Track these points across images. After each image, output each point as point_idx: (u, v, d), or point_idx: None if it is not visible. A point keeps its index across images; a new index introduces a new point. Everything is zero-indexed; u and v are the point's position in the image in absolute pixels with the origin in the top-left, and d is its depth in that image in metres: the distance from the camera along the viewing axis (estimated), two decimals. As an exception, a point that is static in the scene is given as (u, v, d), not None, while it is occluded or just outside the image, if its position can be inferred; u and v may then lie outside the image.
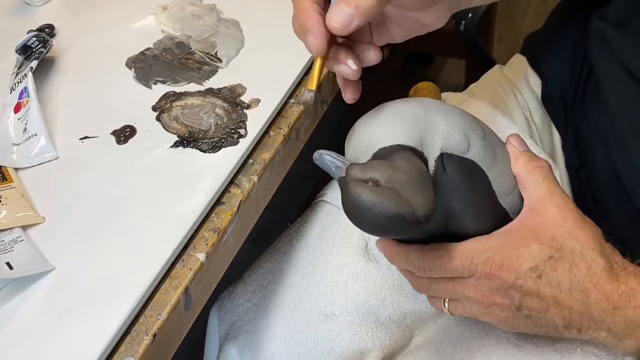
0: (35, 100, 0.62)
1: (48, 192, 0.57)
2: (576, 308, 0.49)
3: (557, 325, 0.50)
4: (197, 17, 0.74)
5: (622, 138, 0.64)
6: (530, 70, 0.82)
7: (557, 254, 0.49)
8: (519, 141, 0.55)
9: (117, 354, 0.47)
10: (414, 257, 0.52)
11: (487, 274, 0.50)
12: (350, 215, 0.47)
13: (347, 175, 0.48)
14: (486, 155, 0.53)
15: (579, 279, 0.49)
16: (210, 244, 0.54)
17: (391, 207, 0.46)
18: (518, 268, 0.49)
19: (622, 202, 0.66)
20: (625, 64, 0.63)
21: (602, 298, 0.49)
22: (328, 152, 0.49)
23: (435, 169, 0.51)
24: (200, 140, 0.61)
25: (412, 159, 0.50)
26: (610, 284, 0.49)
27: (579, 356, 0.59)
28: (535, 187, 0.52)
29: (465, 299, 0.52)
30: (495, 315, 0.52)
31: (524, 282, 0.50)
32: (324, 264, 0.66)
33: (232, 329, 0.68)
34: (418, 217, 0.47)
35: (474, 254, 0.50)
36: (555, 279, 0.49)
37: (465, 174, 0.52)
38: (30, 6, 0.77)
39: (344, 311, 0.64)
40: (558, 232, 0.50)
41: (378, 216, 0.46)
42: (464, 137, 0.52)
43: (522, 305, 0.50)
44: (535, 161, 0.53)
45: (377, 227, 0.47)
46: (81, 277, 0.51)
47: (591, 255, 0.49)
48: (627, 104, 0.63)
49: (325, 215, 0.71)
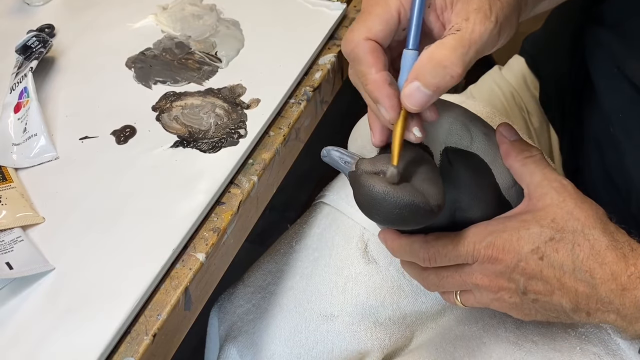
0: (35, 100, 0.62)
1: (48, 192, 0.57)
2: (582, 290, 0.49)
3: (565, 308, 0.50)
4: (197, 17, 0.74)
5: (616, 141, 0.64)
6: (528, 72, 0.83)
7: (559, 235, 0.49)
8: (509, 131, 0.53)
9: (117, 354, 0.47)
10: (417, 247, 0.52)
11: (489, 257, 0.50)
12: (364, 207, 0.47)
13: (357, 169, 0.48)
14: (489, 148, 0.53)
15: (582, 259, 0.48)
16: (210, 244, 0.54)
17: (405, 196, 0.46)
18: (519, 250, 0.49)
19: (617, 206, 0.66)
20: (620, 67, 0.63)
21: (609, 278, 0.48)
22: (336, 148, 0.50)
23: (441, 162, 0.52)
24: (200, 140, 0.61)
25: (420, 152, 0.50)
26: (617, 263, 0.48)
27: (578, 355, 0.59)
28: (531, 176, 0.51)
29: (474, 287, 0.52)
30: (505, 301, 0.52)
31: (526, 265, 0.49)
32: (324, 265, 0.66)
33: (232, 330, 0.69)
34: (432, 207, 0.47)
35: (476, 239, 0.50)
36: (558, 260, 0.48)
37: (471, 168, 0.52)
38: (30, 6, 0.77)
39: (344, 312, 0.64)
40: (559, 213, 0.49)
41: (392, 206, 0.46)
42: (467, 132, 0.53)
43: (528, 289, 0.50)
44: (527, 151, 0.52)
45: (391, 217, 0.47)
46: (81, 277, 0.51)
47: (593, 234, 0.48)
48: (622, 107, 0.63)
49: (324, 216, 0.71)
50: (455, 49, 0.43)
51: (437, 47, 0.44)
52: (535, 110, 0.81)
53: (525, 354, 0.59)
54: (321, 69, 0.69)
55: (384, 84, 0.45)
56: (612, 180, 0.66)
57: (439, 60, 0.43)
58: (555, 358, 0.59)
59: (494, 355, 0.60)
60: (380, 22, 0.46)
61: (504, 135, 0.53)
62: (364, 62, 0.46)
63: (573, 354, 0.59)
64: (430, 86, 0.44)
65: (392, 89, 0.45)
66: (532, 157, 0.52)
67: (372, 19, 0.46)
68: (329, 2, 0.74)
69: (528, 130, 0.80)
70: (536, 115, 0.81)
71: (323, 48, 0.70)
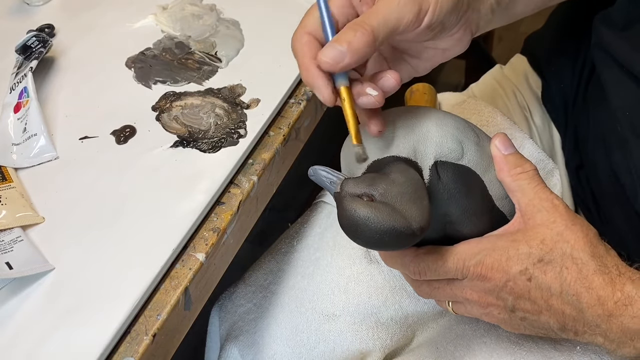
0: (35, 100, 0.62)
1: (48, 192, 0.57)
2: (569, 312, 0.49)
3: (553, 327, 0.50)
4: (197, 17, 0.74)
5: (623, 139, 0.64)
6: (530, 70, 0.82)
7: (548, 257, 0.49)
8: (504, 143, 0.53)
9: (117, 354, 0.47)
10: (407, 261, 0.52)
11: (478, 275, 0.50)
12: (347, 231, 0.47)
13: (341, 190, 0.48)
14: (481, 160, 0.53)
15: (569, 283, 0.48)
16: (210, 244, 0.54)
17: (386, 221, 0.46)
18: (508, 270, 0.49)
19: (622, 203, 0.66)
20: (627, 67, 0.63)
21: (596, 303, 0.48)
22: (322, 167, 0.50)
23: (430, 177, 0.51)
24: (200, 140, 0.61)
25: (406, 170, 0.50)
26: (604, 288, 0.48)
27: (578, 354, 0.59)
28: (523, 193, 0.51)
29: (465, 300, 0.52)
30: (494, 316, 0.52)
31: (514, 285, 0.49)
32: (325, 265, 0.66)
33: (233, 329, 0.68)
34: (413, 230, 0.47)
35: (466, 257, 0.50)
36: (546, 282, 0.49)
37: (461, 181, 0.52)
38: (30, 6, 0.77)
39: (345, 312, 0.64)
40: (548, 234, 0.49)
41: (373, 231, 0.46)
42: (458, 144, 0.52)
43: (516, 307, 0.50)
44: (520, 167, 0.52)
45: (373, 242, 0.47)
46: (81, 277, 0.51)
47: (582, 258, 0.49)
48: (629, 105, 0.63)
49: (325, 216, 0.71)
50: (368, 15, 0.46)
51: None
52: (537, 109, 0.81)
53: (525, 353, 0.59)
54: (321, 68, 0.68)
55: (313, 67, 0.47)
56: (618, 178, 0.66)
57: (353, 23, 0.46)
58: (556, 357, 0.59)
59: (495, 355, 0.60)
60: (313, 17, 0.48)
61: (498, 148, 0.53)
62: (300, 53, 0.48)
63: (573, 353, 0.59)
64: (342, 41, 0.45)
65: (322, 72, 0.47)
66: (525, 173, 0.51)
67: (307, 16, 0.49)
68: (329, 1, 0.73)
69: (530, 129, 0.79)
70: (538, 114, 0.80)
71: (323, 48, 0.70)
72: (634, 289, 0.48)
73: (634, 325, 0.48)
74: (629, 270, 0.49)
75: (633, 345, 0.49)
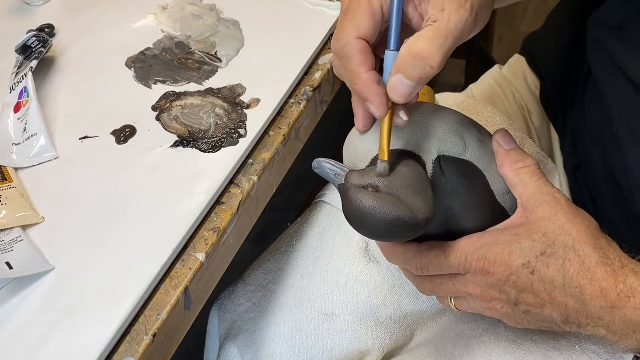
0: (35, 100, 0.62)
1: (48, 192, 0.57)
2: (572, 305, 0.49)
3: (556, 320, 0.50)
4: (197, 17, 0.74)
5: (619, 140, 0.64)
6: (529, 71, 0.83)
7: (550, 250, 0.49)
8: (505, 138, 0.53)
9: (117, 354, 0.47)
10: (410, 257, 0.52)
11: (481, 270, 0.50)
12: (352, 222, 0.48)
13: (346, 182, 0.48)
14: (483, 155, 0.53)
15: (572, 275, 0.48)
16: (210, 244, 0.54)
17: (392, 211, 0.46)
18: (510, 264, 0.49)
19: (619, 204, 0.66)
20: (622, 69, 0.63)
21: (599, 295, 0.48)
22: (327, 160, 0.50)
23: (433, 172, 0.51)
24: (200, 140, 0.61)
25: (410, 164, 0.50)
26: (607, 280, 0.48)
27: (577, 354, 0.59)
28: (524, 187, 0.51)
29: (467, 295, 0.52)
30: (497, 310, 0.52)
31: (517, 279, 0.49)
32: (325, 265, 0.66)
33: (233, 329, 0.69)
34: (419, 221, 0.47)
35: (468, 251, 0.50)
36: (549, 275, 0.49)
37: (463, 176, 0.52)
38: (30, 6, 0.77)
39: (345, 311, 0.64)
40: (550, 228, 0.49)
41: (379, 221, 0.46)
42: (460, 139, 0.52)
43: (519, 301, 0.50)
44: (522, 162, 0.52)
45: (378, 232, 0.47)
46: (81, 277, 0.51)
47: (584, 250, 0.49)
48: (625, 107, 0.63)
49: (325, 216, 0.71)
50: (433, 40, 0.44)
51: (416, 39, 0.45)
52: (536, 109, 0.81)
53: (525, 353, 0.59)
54: (321, 68, 0.69)
55: (372, 83, 0.46)
56: (615, 179, 0.66)
57: (418, 52, 0.44)
58: (555, 357, 0.59)
59: (494, 354, 0.60)
60: (367, 19, 0.47)
61: (500, 144, 0.53)
62: (354, 62, 0.47)
63: (572, 352, 0.59)
64: (412, 78, 0.45)
65: (380, 88, 0.46)
66: (527, 168, 0.52)
67: (360, 16, 0.47)
68: (329, 2, 0.74)
69: (529, 129, 0.80)
70: (537, 114, 0.81)
71: (323, 48, 0.70)
72: (637, 281, 0.48)
73: (637, 317, 0.48)
74: (632, 262, 0.49)
75: (635, 337, 0.49)
